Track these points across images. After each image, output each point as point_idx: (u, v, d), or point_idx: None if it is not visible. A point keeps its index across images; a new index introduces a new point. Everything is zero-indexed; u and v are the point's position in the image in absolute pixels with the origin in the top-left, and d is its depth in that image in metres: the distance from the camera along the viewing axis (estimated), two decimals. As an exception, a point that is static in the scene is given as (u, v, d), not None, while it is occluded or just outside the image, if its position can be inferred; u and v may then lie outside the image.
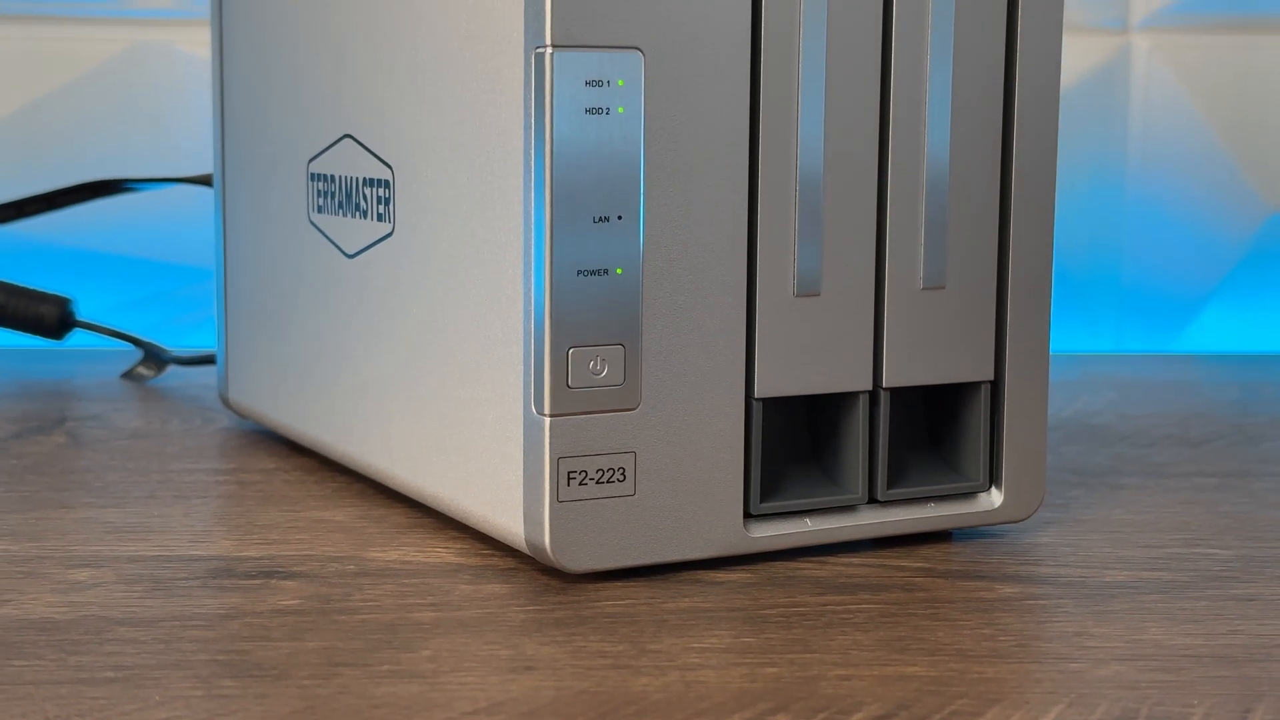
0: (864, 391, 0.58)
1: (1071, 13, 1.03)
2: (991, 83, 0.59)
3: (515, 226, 0.55)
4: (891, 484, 0.60)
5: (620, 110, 0.54)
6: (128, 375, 0.95)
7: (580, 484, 0.55)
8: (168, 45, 1.04)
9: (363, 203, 0.65)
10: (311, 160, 0.69)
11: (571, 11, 0.53)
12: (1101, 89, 1.06)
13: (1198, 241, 1.08)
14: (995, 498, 0.61)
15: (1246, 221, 1.08)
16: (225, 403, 0.80)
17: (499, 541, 0.59)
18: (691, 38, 0.54)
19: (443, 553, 0.60)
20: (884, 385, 0.59)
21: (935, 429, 0.62)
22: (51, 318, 0.95)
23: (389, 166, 0.63)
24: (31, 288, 0.95)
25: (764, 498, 0.58)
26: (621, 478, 0.55)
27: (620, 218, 0.54)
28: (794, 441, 0.60)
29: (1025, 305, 0.61)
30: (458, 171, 0.58)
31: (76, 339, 0.97)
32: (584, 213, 0.54)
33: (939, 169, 0.59)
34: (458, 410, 0.59)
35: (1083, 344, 1.09)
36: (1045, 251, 0.61)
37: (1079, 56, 1.05)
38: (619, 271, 0.54)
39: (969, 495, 0.61)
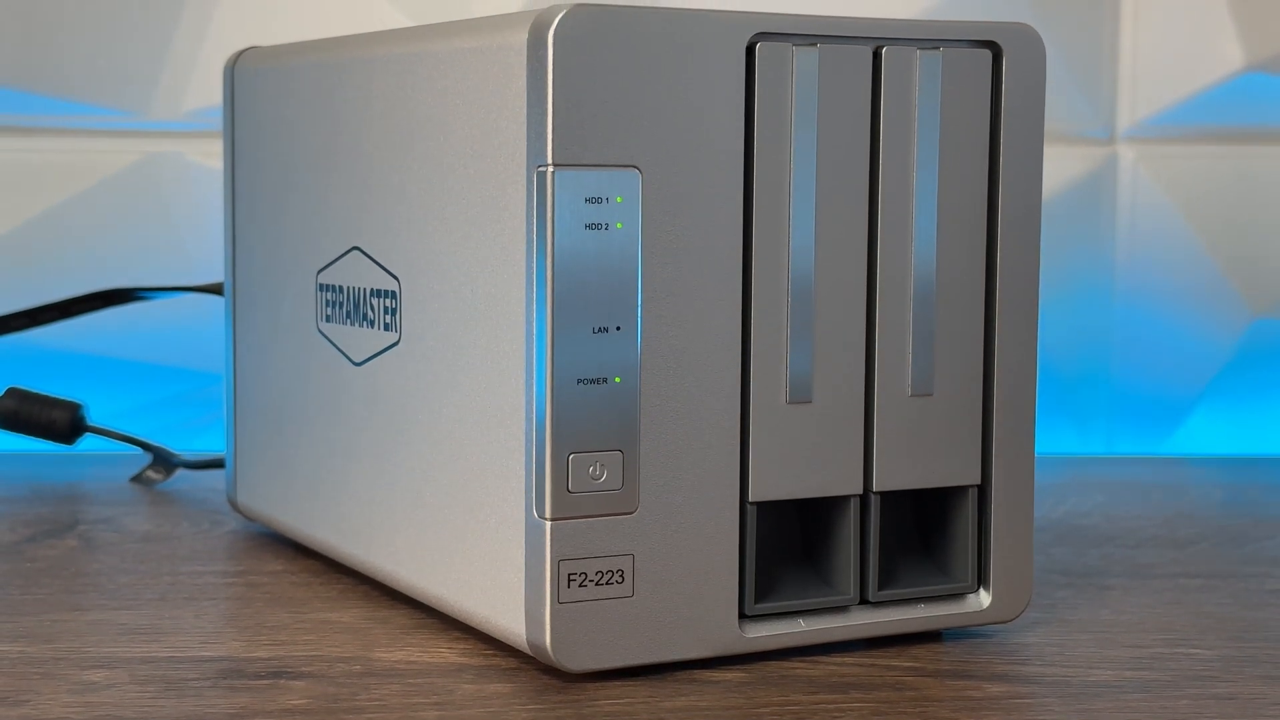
0: (855, 495, 0.60)
1: (1059, 123, 1.06)
2: (975, 195, 0.61)
3: (517, 336, 0.57)
4: (882, 585, 0.61)
5: (619, 226, 0.55)
6: (137, 479, 0.96)
7: (580, 586, 0.56)
8: (179, 156, 1.07)
9: (370, 313, 0.67)
10: (320, 271, 0.71)
11: (572, 132, 0.55)
12: (1089, 197, 1.08)
13: (1185, 346, 1.10)
14: (983, 599, 0.62)
15: (1232, 326, 1.10)
16: (234, 506, 0.81)
17: (501, 642, 0.60)
18: (687, 156, 0.56)
19: (446, 653, 0.61)
20: (874, 489, 0.60)
21: (924, 532, 0.63)
22: (63, 423, 0.96)
23: (396, 278, 0.65)
24: (43, 393, 0.96)
25: (758, 599, 0.59)
26: (620, 579, 0.57)
27: (619, 328, 0.56)
28: (787, 544, 0.61)
29: (1011, 411, 0.62)
30: (462, 283, 0.60)
31: (87, 443, 0.98)
32: (584, 323, 0.55)
33: (926, 280, 0.60)
34: (461, 514, 0.60)
35: (1074, 447, 1.10)
36: (1030, 359, 0.62)
37: (1066, 165, 1.07)
38: (618, 380, 0.56)
39: (958, 596, 0.62)
